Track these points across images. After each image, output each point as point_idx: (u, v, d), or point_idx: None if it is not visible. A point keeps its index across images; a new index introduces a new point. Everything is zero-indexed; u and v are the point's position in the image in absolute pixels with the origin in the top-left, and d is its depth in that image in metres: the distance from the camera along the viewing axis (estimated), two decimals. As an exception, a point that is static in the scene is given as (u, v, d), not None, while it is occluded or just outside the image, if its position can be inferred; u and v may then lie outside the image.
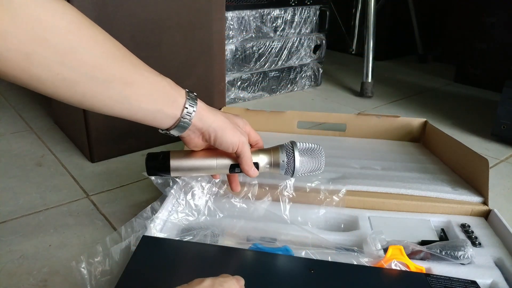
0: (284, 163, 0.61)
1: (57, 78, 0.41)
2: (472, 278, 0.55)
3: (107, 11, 0.86)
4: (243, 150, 0.59)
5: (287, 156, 0.61)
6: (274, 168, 0.62)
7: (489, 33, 1.52)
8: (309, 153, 0.62)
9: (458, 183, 0.79)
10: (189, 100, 0.53)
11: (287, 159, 0.61)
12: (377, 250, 0.60)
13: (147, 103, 0.50)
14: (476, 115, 1.33)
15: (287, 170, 0.62)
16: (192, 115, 0.53)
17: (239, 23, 1.26)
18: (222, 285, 0.38)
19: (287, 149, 0.62)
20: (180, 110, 0.53)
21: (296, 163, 0.61)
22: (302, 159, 0.61)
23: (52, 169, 0.92)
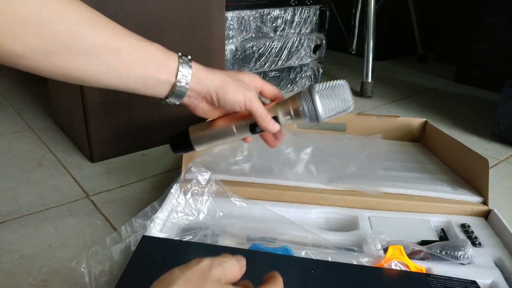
0: (305, 110, 0.55)
1: (35, 52, 0.40)
2: (472, 278, 0.55)
3: (107, 11, 0.85)
4: (252, 106, 0.54)
5: (306, 102, 0.54)
6: (296, 118, 0.56)
7: (489, 33, 1.52)
8: (330, 93, 0.55)
9: (458, 183, 0.79)
10: (183, 64, 0.51)
11: (307, 106, 0.54)
12: (377, 250, 0.60)
13: (136, 70, 0.48)
14: (476, 115, 1.33)
15: (311, 117, 0.55)
16: (188, 78, 0.51)
17: (239, 23, 1.26)
18: (222, 265, 0.35)
19: (305, 94, 0.55)
20: (173, 74, 0.50)
21: (317, 108, 0.54)
22: (323, 102, 0.55)
23: (52, 169, 0.92)
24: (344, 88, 0.56)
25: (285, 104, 0.57)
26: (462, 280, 0.54)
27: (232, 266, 0.37)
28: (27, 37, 0.39)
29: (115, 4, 0.86)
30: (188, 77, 0.51)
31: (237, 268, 0.37)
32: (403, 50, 2.01)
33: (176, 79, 0.50)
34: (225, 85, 0.53)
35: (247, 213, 0.69)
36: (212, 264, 0.34)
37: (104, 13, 0.88)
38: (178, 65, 0.50)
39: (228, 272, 0.36)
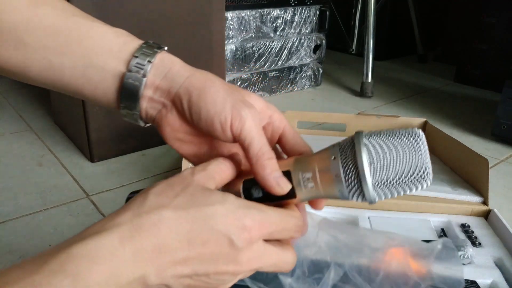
0: (341, 178, 0.30)
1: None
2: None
3: (107, 11, 0.86)
4: (244, 129, 0.31)
5: (343, 158, 0.31)
6: (324, 187, 0.31)
7: (489, 33, 1.52)
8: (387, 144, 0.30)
9: (458, 183, 0.79)
10: (144, 49, 0.34)
11: (343, 165, 0.30)
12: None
13: (74, 57, 0.34)
14: (476, 115, 1.33)
15: (349, 186, 0.30)
16: (147, 67, 0.33)
17: (239, 23, 1.26)
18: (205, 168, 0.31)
19: (343, 147, 0.32)
20: (125, 62, 0.34)
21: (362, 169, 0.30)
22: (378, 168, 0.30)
23: (52, 169, 0.92)
24: (419, 142, 0.30)
25: (309, 160, 0.32)
26: (462, 280, 0.54)
27: (217, 166, 0.31)
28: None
29: (115, 4, 0.86)
30: (147, 67, 0.33)
31: (224, 166, 0.32)
32: (403, 50, 2.01)
33: (127, 68, 0.34)
34: (206, 86, 0.33)
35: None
36: (194, 169, 0.30)
37: (104, 13, 0.89)
38: (136, 49, 0.34)
39: (214, 174, 0.31)
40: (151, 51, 0.34)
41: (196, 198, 0.28)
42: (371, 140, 0.31)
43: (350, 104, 1.40)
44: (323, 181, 0.31)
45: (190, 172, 0.30)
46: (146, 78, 0.34)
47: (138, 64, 0.34)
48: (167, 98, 0.35)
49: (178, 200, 0.28)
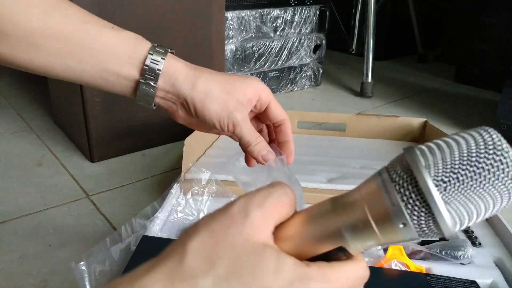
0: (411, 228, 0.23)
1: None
2: (472, 278, 0.55)
3: (107, 11, 0.86)
4: (236, 131, 0.41)
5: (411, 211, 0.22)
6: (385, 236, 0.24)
7: (489, 33, 1.52)
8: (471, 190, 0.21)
9: (458, 183, 0.78)
10: (154, 55, 0.40)
11: (415, 220, 0.22)
12: (377, 250, 0.60)
13: (90, 62, 0.39)
14: (476, 115, 1.33)
15: (423, 235, 0.23)
16: (157, 75, 0.40)
17: (239, 23, 1.26)
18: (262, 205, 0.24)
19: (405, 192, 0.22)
20: (138, 69, 0.40)
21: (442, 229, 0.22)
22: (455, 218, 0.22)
23: (52, 169, 0.92)
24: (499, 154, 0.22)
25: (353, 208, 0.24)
26: (462, 280, 0.54)
27: (280, 198, 0.25)
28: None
29: (115, 4, 0.86)
30: (157, 74, 0.40)
31: (288, 199, 0.25)
32: (403, 50, 2.01)
33: (140, 75, 0.40)
34: (206, 98, 0.41)
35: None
36: (249, 206, 0.24)
37: (104, 13, 0.89)
38: (145, 57, 0.40)
39: (273, 213, 0.24)
40: (159, 58, 0.40)
41: (243, 263, 0.22)
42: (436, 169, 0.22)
43: (350, 104, 1.40)
44: (380, 226, 0.23)
45: (242, 210, 0.24)
46: (157, 85, 0.41)
47: (149, 72, 0.40)
48: (176, 100, 0.42)
49: (220, 267, 0.22)
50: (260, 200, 0.24)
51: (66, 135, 1.08)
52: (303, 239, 0.24)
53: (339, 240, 0.24)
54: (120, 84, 0.41)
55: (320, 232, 0.24)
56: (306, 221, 0.25)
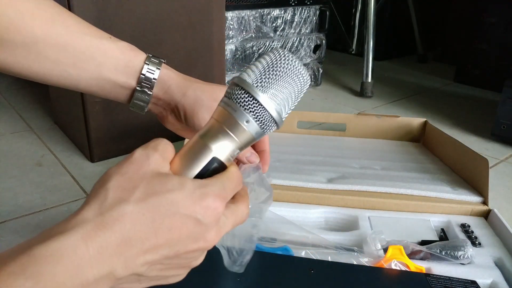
0: (253, 122, 0.32)
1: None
2: (472, 278, 0.55)
3: (107, 11, 0.86)
4: None
5: (246, 108, 0.31)
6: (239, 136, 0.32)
7: (489, 33, 1.52)
8: (274, 79, 0.32)
9: (458, 183, 0.79)
10: (149, 65, 0.44)
11: (251, 113, 0.32)
12: (377, 250, 0.60)
13: (88, 70, 0.42)
14: (476, 115, 1.33)
15: (264, 126, 0.32)
16: (153, 83, 0.44)
17: (239, 23, 1.26)
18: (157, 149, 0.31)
19: (239, 100, 0.32)
20: (135, 78, 0.44)
21: (270, 111, 0.32)
22: (273, 100, 0.32)
23: (52, 169, 0.92)
24: (286, 61, 0.32)
25: (212, 127, 0.33)
26: (462, 280, 0.54)
27: (166, 146, 0.32)
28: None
29: (115, 4, 0.86)
30: (153, 83, 0.44)
31: (171, 147, 0.33)
32: (403, 50, 2.01)
33: (137, 84, 0.44)
34: (196, 105, 0.45)
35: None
36: (147, 151, 0.30)
37: (104, 13, 0.89)
38: (142, 67, 0.44)
39: (165, 155, 0.31)
40: (156, 67, 0.44)
41: (155, 187, 0.29)
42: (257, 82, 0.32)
43: (350, 104, 1.40)
44: (232, 130, 0.32)
45: (143, 155, 0.30)
46: (152, 92, 0.45)
47: (145, 81, 0.44)
48: (167, 106, 0.46)
49: (137, 193, 0.28)
50: (154, 146, 0.31)
51: (66, 135, 1.08)
52: (187, 164, 0.32)
53: (210, 153, 0.32)
54: (115, 91, 0.44)
55: (195, 154, 0.32)
56: (185, 153, 0.32)
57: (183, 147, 0.33)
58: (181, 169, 0.32)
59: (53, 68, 0.41)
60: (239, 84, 0.32)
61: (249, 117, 0.32)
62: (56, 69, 0.41)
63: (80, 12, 0.81)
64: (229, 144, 0.32)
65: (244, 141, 0.33)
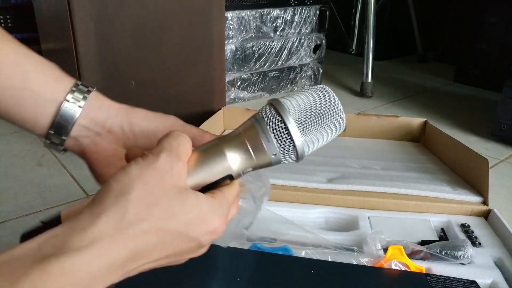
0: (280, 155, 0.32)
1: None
2: (472, 278, 0.55)
3: (107, 11, 0.85)
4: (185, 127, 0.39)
5: (280, 143, 0.32)
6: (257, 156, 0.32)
7: (489, 33, 1.52)
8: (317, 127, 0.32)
9: (458, 183, 0.79)
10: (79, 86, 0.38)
11: (282, 148, 0.32)
12: (377, 250, 0.60)
13: (7, 79, 0.35)
14: (476, 115, 1.33)
15: (285, 160, 0.33)
16: (81, 101, 0.37)
17: (239, 23, 1.26)
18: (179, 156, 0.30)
19: (277, 133, 0.32)
20: (63, 91, 0.37)
21: (299, 152, 0.32)
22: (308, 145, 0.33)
23: (52, 169, 0.92)
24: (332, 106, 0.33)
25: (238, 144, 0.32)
26: (462, 280, 0.54)
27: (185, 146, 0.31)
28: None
29: (115, 4, 0.86)
30: (82, 100, 0.37)
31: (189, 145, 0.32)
32: (403, 50, 2.01)
33: (65, 97, 0.37)
34: (133, 110, 0.39)
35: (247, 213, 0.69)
36: (171, 159, 0.29)
37: (104, 13, 0.89)
38: (73, 84, 0.38)
39: (186, 159, 0.31)
40: (86, 89, 0.38)
41: (174, 208, 0.29)
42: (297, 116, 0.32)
43: (350, 104, 1.40)
44: (256, 153, 0.32)
45: (169, 164, 0.29)
46: (82, 108, 0.37)
47: (76, 95, 0.37)
48: (102, 128, 0.38)
49: (157, 212, 0.28)
50: (176, 153, 0.30)
51: (66, 135, 1.08)
52: (202, 172, 0.32)
53: (227, 170, 0.32)
54: (36, 106, 0.37)
55: (213, 165, 0.32)
56: (203, 159, 0.32)
57: (202, 149, 0.33)
58: (196, 174, 0.32)
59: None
60: (284, 120, 0.31)
61: (278, 151, 0.32)
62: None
63: (80, 12, 0.81)
64: (247, 164, 0.33)
65: (261, 165, 0.33)
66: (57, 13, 0.88)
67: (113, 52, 0.89)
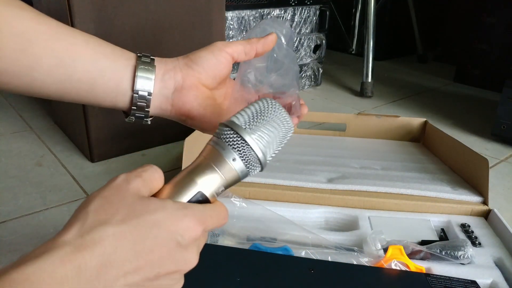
0: (239, 160, 0.34)
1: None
2: (472, 278, 0.55)
3: (107, 11, 0.86)
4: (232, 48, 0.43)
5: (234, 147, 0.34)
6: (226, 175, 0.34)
7: (489, 33, 1.52)
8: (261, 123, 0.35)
9: (458, 183, 0.79)
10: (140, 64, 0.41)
11: (238, 152, 0.34)
12: (377, 250, 0.60)
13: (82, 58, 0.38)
14: (476, 115, 1.33)
15: (249, 166, 0.34)
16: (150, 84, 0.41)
17: (239, 23, 1.26)
18: (140, 175, 0.31)
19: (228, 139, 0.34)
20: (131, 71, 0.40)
21: (255, 151, 0.34)
22: (259, 141, 0.34)
23: (52, 169, 0.92)
24: (273, 109, 0.36)
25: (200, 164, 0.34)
26: (462, 280, 0.54)
27: (152, 174, 0.32)
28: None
29: (115, 4, 0.86)
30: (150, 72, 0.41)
31: (158, 175, 0.32)
32: (403, 50, 2.01)
33: (133, 90, 0.40)
34: (189, 55, 0.43)
35: (247, 213, 0.69)
36: (129, 177, 0.30)
37: (104, 13, 0.89)
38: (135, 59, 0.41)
39: (149, 182, 0.31)
40: (148, 60, 0.41)
41: (136, 209, 0.29)
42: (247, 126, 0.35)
43: (350, 104, 1.40)
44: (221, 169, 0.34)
45: (124, 180, 0.30)
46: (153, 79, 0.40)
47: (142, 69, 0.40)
48: (175, 75, 0.42)
49: (118, 215, 0.28)
50: (137, 173, 0.31)
51: (66, 135, 1.08)
52: (174, 196, 0.32)
53: (195, 186, 0.33)
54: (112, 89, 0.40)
55: (181, 187, 0.33)
56: (173, 186, 0.33)
57: (171, 181, 0.34)
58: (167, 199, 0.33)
59: (42, 54, 0.37)
60: (229, 125, 0.34)
61: (236, 156, 0.33)
62: (46, 55, 0.37)
63: (80, 12, 0.81)
64: (215, 181, 0.33)
65: (230, 178, 0.34)
66: (57, 13, 0.88)
67: (113, 52, 0.89)
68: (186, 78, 0.41)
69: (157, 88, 0.41)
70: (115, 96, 0.41)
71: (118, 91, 0.41)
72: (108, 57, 0.40)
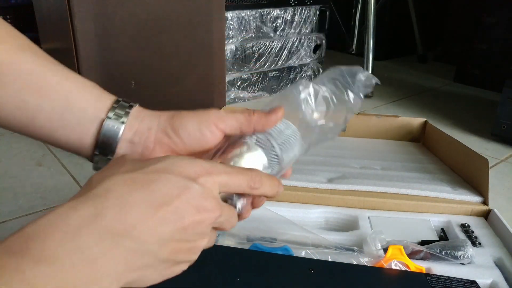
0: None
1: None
2: (472, 278, 0.55)
3: (107, 11, 0.86)
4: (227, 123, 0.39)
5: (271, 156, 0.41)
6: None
7: (489, 33, 1.52)
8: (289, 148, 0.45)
9: (458, 183, 0.79)
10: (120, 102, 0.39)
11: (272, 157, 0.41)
12: (377, 250, 0.60)
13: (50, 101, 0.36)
14: (476, 115, 1.33)
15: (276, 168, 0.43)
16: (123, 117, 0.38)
17: (239, 23, 1.26)
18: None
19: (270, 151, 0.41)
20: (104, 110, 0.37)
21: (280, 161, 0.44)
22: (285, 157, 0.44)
23: (52, 169, 0.92)
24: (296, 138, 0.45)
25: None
26: (462, 280, 0.54)
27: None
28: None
29: (115, 4, 0.86)
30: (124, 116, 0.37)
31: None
32: (403, 50, 2.02)
33: (106, 114, 0.37)
34: (175, 114, 0.38)
35: (247, 213, 0.69)
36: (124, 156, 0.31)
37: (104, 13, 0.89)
38: (113, 101, 0.38)
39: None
40: (127, 104, 0.38)
41: (141, 162, 0.29)
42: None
43: (350, 104, 1.40)
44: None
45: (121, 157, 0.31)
46: (125, 124, 0.37)
47: (117, 112, 0.37)
48: (147, 139, 0.37)
49: (124, 168, 0.28)
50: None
51: (66, 135, 1.08)
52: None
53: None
54: (80, 126, 0.37)
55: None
56: None
57: None
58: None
59: (8, 94, 0.36)
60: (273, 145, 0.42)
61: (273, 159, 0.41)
62: (12, 96, 0.36)
63: (80, 12, 0.81)
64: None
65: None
66: (57, 13, 0.88)
67: (113, 52, 0.89)
68: (158, 145, 0.37)
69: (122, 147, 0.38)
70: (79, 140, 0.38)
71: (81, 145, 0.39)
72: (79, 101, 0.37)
